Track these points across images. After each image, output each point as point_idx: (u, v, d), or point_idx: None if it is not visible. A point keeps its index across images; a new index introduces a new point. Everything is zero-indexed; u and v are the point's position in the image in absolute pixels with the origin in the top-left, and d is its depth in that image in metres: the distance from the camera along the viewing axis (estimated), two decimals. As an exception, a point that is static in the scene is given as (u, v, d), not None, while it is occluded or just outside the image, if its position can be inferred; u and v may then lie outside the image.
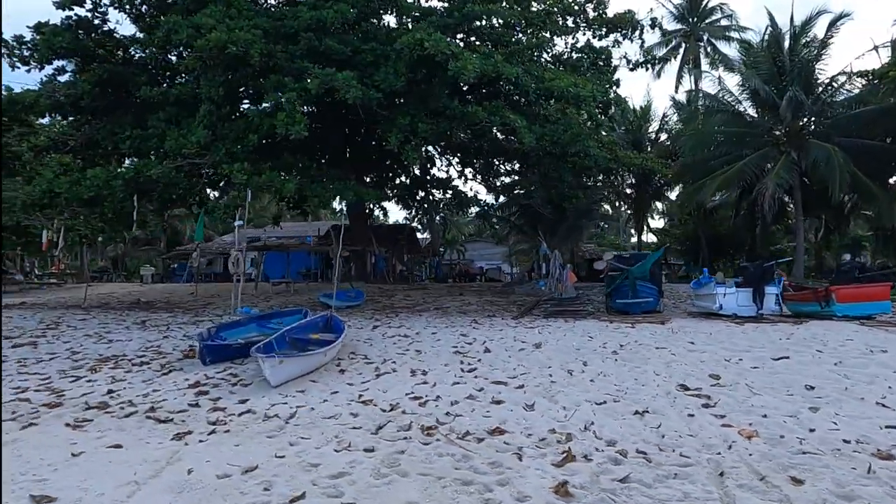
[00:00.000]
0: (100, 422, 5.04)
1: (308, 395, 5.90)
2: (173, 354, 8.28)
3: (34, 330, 10.76)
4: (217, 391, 6.09)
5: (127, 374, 7.07)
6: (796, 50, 22.92)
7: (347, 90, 11.90)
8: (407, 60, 12.56)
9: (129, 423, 5.01)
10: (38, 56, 15.57)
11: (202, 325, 11.41)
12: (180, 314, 13.31)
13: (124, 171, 14.06)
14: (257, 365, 7.27)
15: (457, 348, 8.17)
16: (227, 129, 14.27)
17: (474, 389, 5.95)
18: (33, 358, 8.12)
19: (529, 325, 10.18)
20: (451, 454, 4.09)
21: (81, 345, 9.17)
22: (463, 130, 14.41)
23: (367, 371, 6.95)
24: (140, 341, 9.40)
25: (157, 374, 7.04)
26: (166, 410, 5.36)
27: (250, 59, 12.38)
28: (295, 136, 11.91)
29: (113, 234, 16.40)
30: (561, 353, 7.55)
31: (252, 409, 5.33)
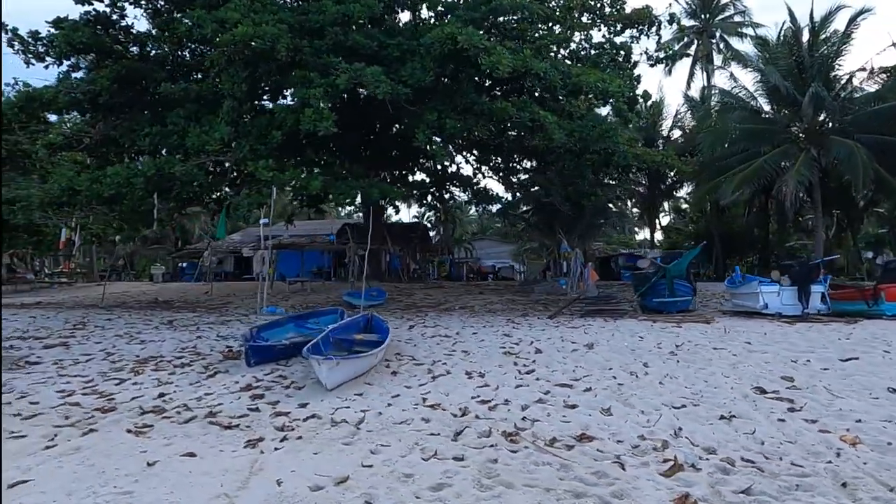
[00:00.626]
0: (161, 427, 4.82)
1: (368, 398, 5.69)
2: (212, 355, 8.07)
3: (61, 330, 10.54)
4: (272, 394, 5.87)
5: (171, 376, 6.85)
6: (816, 45, 22.67)
7: (377, 85, 11.66)
8: (436, 55, 12.32)
9: (192, 429, 4.79)
10: (55, 52, 15.34)
11: (230, 325, 11.19)
12: (205, 314, 13.09)
13: (145, 168, 13.81)
14: (304, 366, 7.09)
15: (505, 349, 7.95)
16: (249, 126, 14.06)
17: (540, 392, 5.74)
18: (69, 359, 7.90)
19: (572, 325, 9.96)
20: (547, 463, 3.88)
21: (114, 345, 8.95)
22: (489, 127, 14.12)
23: (419, 373, 6.73)
24: (173, 342, 9.18)
25: (203, 376, 6.82)
26: (227, 415, 5.14)
27: (277, 54, 12.14)
28: (324, 133, 11.67)
29: (132, 232, 16.17)
30: (616, 354, 7.33)
31: (316, 414, 5.11)
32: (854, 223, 33.80)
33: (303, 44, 12.78)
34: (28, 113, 15.33)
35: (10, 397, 5.90)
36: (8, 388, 6.32)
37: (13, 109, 14.91)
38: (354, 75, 11.83)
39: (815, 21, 22.78)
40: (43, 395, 5.95)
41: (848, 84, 22.88)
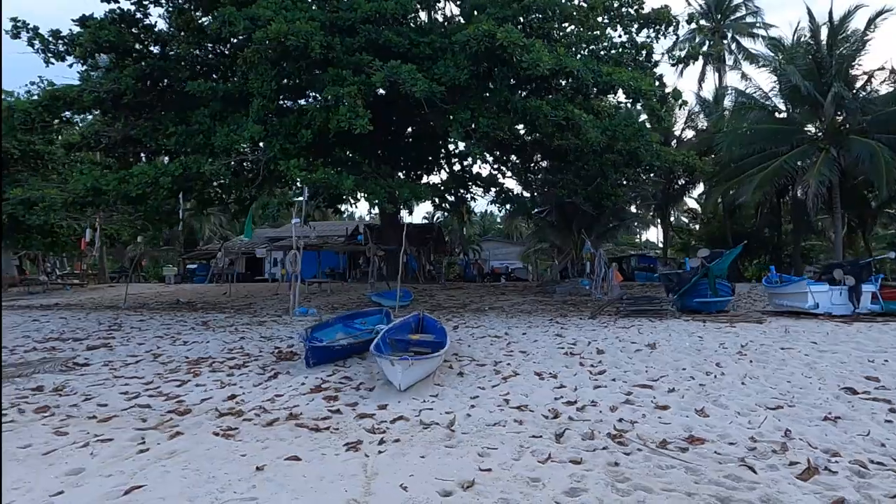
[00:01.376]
0: (248, 430, 4.66)
1: (445, 399, 5.54)
2: (263, 356, 7.92)
3: (97, 331, 10.38)
4: (346, 396, 5.72)
5: (230, 377, 6.70)
6: (835, 45, 22.58)
7: (414, 83, 11.54)
8: (471, 53, 12.20)
9: (280, 431, 4.64)
10: (80, 51, 15.19)
11: (267, 326, 11.04)
12: (236, 315, 12.93)
13: (172, 167, 13.65)
14: (364, 366, 6.95)
15: (564, 349, 7.80)
16: (278, 125, 13.92)
17: (622, 393, 5.59)
18: (117, 360, 7.75)
19: (621, 325, 9.82)
20: (671, 466, 3.73)
21: (158, 346, 8.79)
22: (520, 126, 13.99)
23: (486, 373, 6.58)
24: (217, 343, 9.02)
25: (263, 377, 6.67)
26: (310, 417, 5.00)
27: (310, 52, 12.01)
28: (360, 131, 11.53)
29: (157, 232, 16.01)
30: (683, 354, 7.19)
31: (403, 416, 4.96)
32: (865, 224, 33.75)
33: (335, 41, 12.65)
34: (51, 112, 15.12)
35: (74, 398, 5.76)
36: (69, 389, 6.18)
37: (37, 108, 14.71)
38: (390, 73, 11.70)
39: (833, 21, 22.69)
40: (107, 397, 5.80)
41: (867, 84, 22.80)
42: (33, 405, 5.53)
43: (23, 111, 14.73)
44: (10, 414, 5.22)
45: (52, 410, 5.34)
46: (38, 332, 10.48)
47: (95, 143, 18.64)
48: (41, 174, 25.39)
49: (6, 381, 6.53)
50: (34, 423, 4.94)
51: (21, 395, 5.91)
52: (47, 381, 6.60)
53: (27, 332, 10.49)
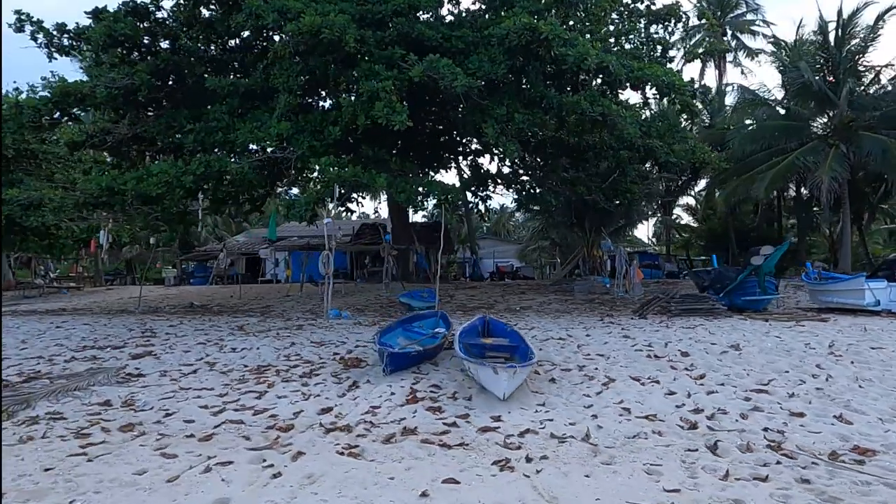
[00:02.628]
0: (371, 448, 4.30)
1: (558, 409, 5.24)
2: (326, 363, 7.53)
3: (131, 339, 9.88)
4: (450, 407, 5.38)
5: (306, 387, 6.32)
6: (844, 41, 22.71)
7: (454, 78, 11.19)
8: (510, 47, 11.89)
9: (408, 448, 4.29)
10: (92, 45, 14.59)
11: (308, 329, 10.62)
12: (267, 319, 12.47)
13: (195, 166, 13.14)
14: (445, 373, 6.62)
15: (643, 352, 7.54)
16: (303, 122, 13.48)
17: (739, 399, 5.34)
18: (172, 370, 7.30)
19: (685, 325, 9.59)
20: (866, 482, 3.47)
21: (207, 354, 8.35)
22: (557, 122, 13.71)
23: (578, 379, 6.29)
24: (269, 350, 8.60)
25: (342, 386, 6.29)
26: (428, 432, 4.65)
27: (345, 45, 11.61)
28: (399, 127, 11.16)
29: (173, 233, 15.44)
30: (773, 356, 6.97)
31: (530, 429, 4.64)
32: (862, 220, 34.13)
33: (367, 35, 12.26)
34: (62, 108, 14.49)
35: (152, 414, 5.34)
36: (140, 403, 5.74)
37: (47, 105, 14.08)
38: (429, 68, 11.33)
39: (843, 17, 22.80)
40: (189, 412, 5.39)
41: (875, 81, 22.97)
42: (113, 422, 5.11)
43: (33, 108, 14.09)
44: (94, 433, 4.80)
45: (137, 428, 4.93)
46: (67, 339, 9.94)
47: (100, 142, 17.99)
48: (36, 174, 24.56)
49: (67, 395, 6.09)
50: (129, 443, 4.53)
51: (92, 411, 5.48)
52: (110, 394, 6.15)
53: (56, 339, 9.95)
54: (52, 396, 6.12)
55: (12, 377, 7.12)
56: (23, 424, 5.11)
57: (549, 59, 12.65)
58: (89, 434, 4.77)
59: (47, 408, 5.65)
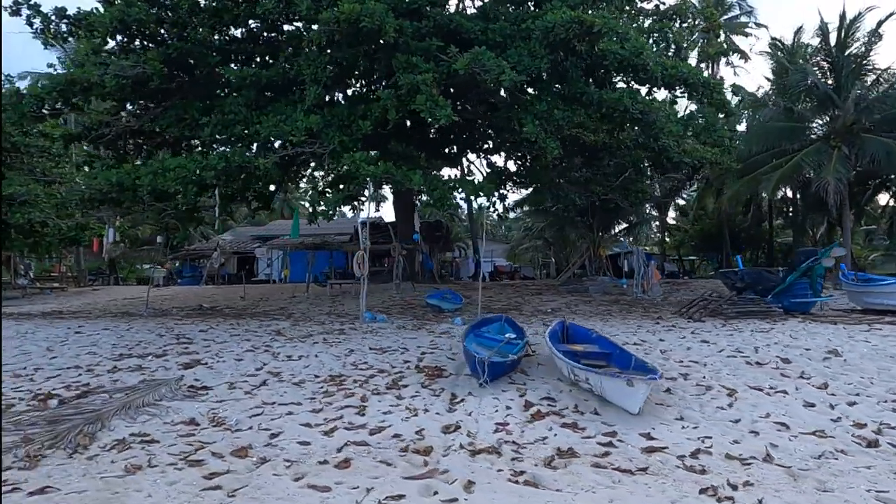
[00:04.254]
0: (544, 474, 3.84)
1: (702, 425, 4.86)
2: (404, 372, 7.03)
3: (167, 345, 9.18)
4: (586, 423, 4.96)
5: (400, 399, 5.83)
6: (846, 44, 23.00)
7: (501, 71, 10.74)
8: (556, 40, 11.49)
9: (580, 472, 3.86)
10: (101, 30, 13.70)
11: (352, 334, 10.05)
12: (301, 323, 11.82)
13: (215, 160, 12.40)
14: (547, 382, 6.18)
15: (737, 358, 7.23)
16: (329, 116, 12.87)
17: (889, 410, 5.05)
18: (237, 382, 6.70)
19: (757, 329, 9.32)
20: None
21: (264, 362, 7.75)
22: (598, 118, 13.35)
23: (694, 390, 5.92)
24: (329, 357, 8.04)
25: (439, 398, 5.82)
26: (588, 454, 4.23)
27: (384, 35, 11.06)
28: (445, 122, 10.68)
29: (185, 231, 14.61)
30: (879, 361, 6.74)
31: (700, 449, 4.25)
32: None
33: (405, 25, 11.73)
34: (66, 98, 13.55)
35: (253, 435, 4.78)
36: (231, 421, 5.17)
37: (51, 93, 13.14)
38: (474, 60, 10.86)
39: (846, 20, 23.09)
40: (294, 432, 4.86)
41: (876, 83, 23.33)
42: (215, 444, 4.55)
43: (35, 97, 13.15)
44: (206, 459, 4.23)
45: (252, 452, 4.38)
46: (95, 346, 9.19)
47: (98, 135, 17.02)
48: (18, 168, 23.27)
49: (138, 412, 5.48)
50: (259, 472, 3.98)
51: (182, 432, 4.90)
52: (187, 410, 5.56)
53: (82, 346, 9.19)
54: (123, 413, 5.50)
55: (60, 390, 6.45)
56: (112, 449, 4.52)
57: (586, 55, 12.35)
58: (203, 461, 4.20)
59: (126, 427, 5.05)
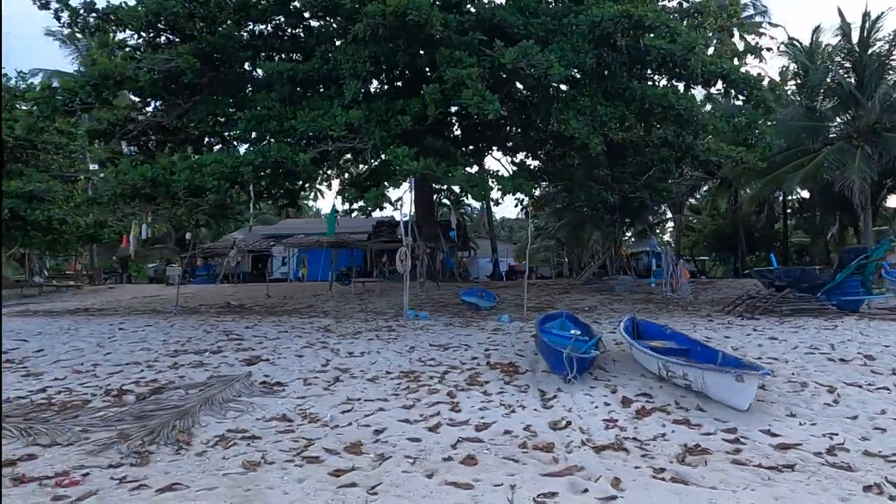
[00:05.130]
0: (688, 472, 3.71)
1: (819, 421, 4.71)
2: (478, 369, 6.88)
3: (219, 342, 9.00)
4: (699, 420, 4.81)
5: (487, 395, 5.69)
6: (869, 43, 22.92)
7: (549, 66, 10.60)
8: (599, 35, 11.36)
9: (730, 471, 3.72)
10: (135, 24, 13.54)
11: (399, 332, 9.88)
12: (342, 320, 11.65)
13: (251, 156, 12.25)
14: (632, 379, 6.03)
15: (816, 355, 7.08)
16: (367, 111, 12.71)
17: None
18: (310, 377, 6.54)
19: (822, 326, 9.19)
20: None
21: (327, 359, 7.58)
22: (638, 114, 13.23)
23: (789, 387, 5.77)
24: (391, 354, 7.88)
25: (526, 394, 5.69)
26: (720, 451, 4.08)
27: (430, 28, 10.91)
28: (494, 116, 10.54)
29: (218, 228, 14.38)
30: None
31: (838, 446, 4.10)
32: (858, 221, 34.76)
33: (449, 18, 11.58)
34: (98, 92, 13.36)
35: (357, 432, 4.63)
36: (326, 418, 5.01)
37: (84, 88, 12.97)
38: (522, 54, 10.72)
39: (869, 19, 23.00)
40: (398, 429, 4.72)
41: (897, 83, 23.26)
42: (321, 440, 4.41)
43: (69, 91, 12.97)
44: (323, 456, 4.08)
45: (365, 449, 4.23)
46: (145, 342, 9.01)
47: (123, 131, 16.87)
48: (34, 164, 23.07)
49: (222, 407, 5.33)
50: (387, 469, 3.83)
51: (280, 428, 4.75)
52: (272, 406, 5.42)
53: (131, 342, 9.01)
54: (208, 409, 5.35)
55: (130, 386, 6.29)
56: (216, 445, 4.37)
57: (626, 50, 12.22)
58: (319, 458, 4.05)
59: (218, 424, 4.89)
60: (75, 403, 5.63)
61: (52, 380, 6.66)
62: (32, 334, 9.74)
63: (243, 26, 16.29)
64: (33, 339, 9.23)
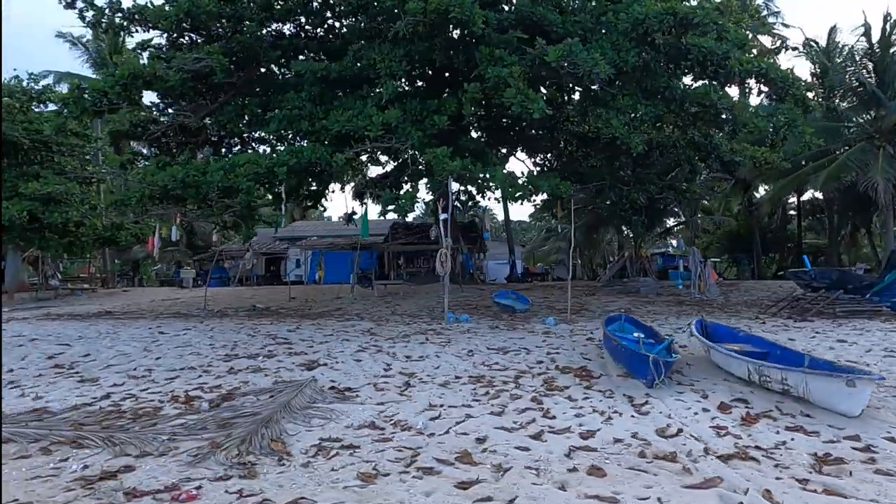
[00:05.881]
0: (843, 484, 3.51)
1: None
2: (549, 373, 6.69)
3: (269, 345, 8.81)
4: (813, 426, 4.61)
5: (571, 401, 5.51)
6: (890, 44, 22.83)
7: (594, 64, 10.42)
8: (640, 33, 11.19)
9: (873, 479, 3.52)
10: (165, 23, 13.37)
11: (446, 335, 9.69)
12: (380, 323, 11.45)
13: (285, 156, 12.06)
14: (717, 384, 5.83)
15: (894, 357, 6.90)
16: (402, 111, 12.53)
17: None
18: (378, 382, 6.34)
19: (885, 328, 9.01)
20: None
21: (387, 364, 7.38)
22: (682, 114, 13.04)
23: (880, 391, 5.58)
24: (451, 357, 7.70)
25: (614, 400, 5.49)
26: (856, 460, 3.88)
27: (472, 26, 10.73)
28: (537, 115, 10.35)
29: (249, 230, 14.21)
30: None
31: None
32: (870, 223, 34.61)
33: (489, 16, 11.41)
34: (128, 92, 13.17)
35: (459, 441, 4.42)
36: (419, 425, 4.81)
37: (114, 88, 12.77)
38: (567, 52, 10.54)
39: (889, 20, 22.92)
40: (498, 437, 4.52)
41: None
42: (426, 449, 4.20)
43: (98, 91, 12.77)
44: (439, 468, 3.88)
45: (478, 459, 4.03)
46: (190, 346, 8.82)
47: (146, 132, 16.69)
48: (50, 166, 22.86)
49: (303, 414, 5.13)
50: (512, 481, 3.62)
51: (374, 436, 4.56)
52: (352, 412, 5.22)
53: (177, 347, 8.81)
54: (288, 416, 5.15)
55: (195, 392, 6.09)
56: (317, 455, 4.17)
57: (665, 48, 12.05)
58: (434, 469, 3.86)
59: (308, 432, 4.69)
60: (146, 411, 5.43)
61: (111, 386, 6.46)
62: (73, 338, 9.53)
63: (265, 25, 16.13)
64: (76, 344, 9.02)
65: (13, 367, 7.48)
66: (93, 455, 4.24)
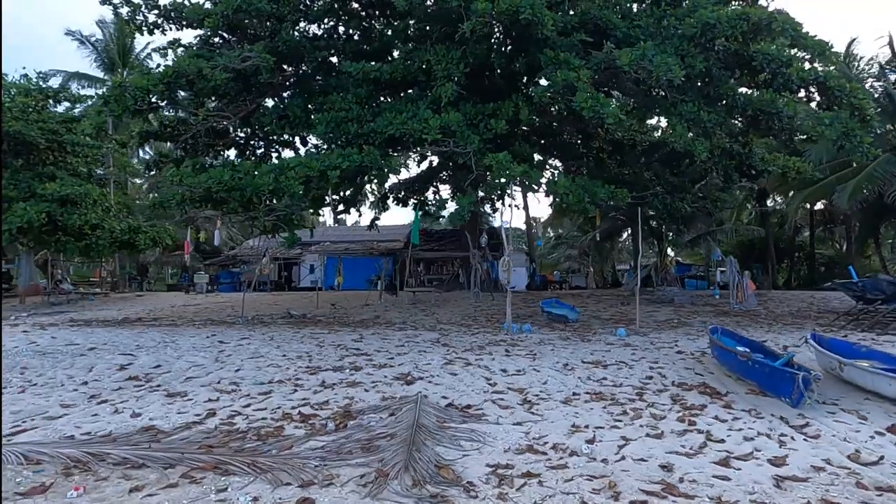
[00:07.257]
0: None
1: None
2: (669, 388, 6.34)
3: (345, 357, 8.40)
4: None
5: (725, 422, 5.15)
6: (915, 55, 22.91)
7: (668, 69, 10.15)
8: (709, 38, 10.96)
9: None
10: (210, 21, 12.97)
11: (522, 346, 9.32)
12: (444, 332, 11.05)
13: (339, 159, 11.67)
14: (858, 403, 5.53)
15: None
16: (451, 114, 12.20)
17: None
18: (497, 399, 5.96)
19: None
20: None
21: (486, 378, 7.01)
22: (744, 122, 12.81)
23: None
24: (550, 371, 7.34)
25: (762, 419, 5.16)
26: None
27: (542, 28, 10.44)
28: (612, 121, 10.06)
29: (293, 234, 13.73)
30: None
31: None
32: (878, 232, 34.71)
33: (556, 18, 11.13)
34: (171, 91, 12.74)
35: (642, 468, 4.07)
36: (584, 449, 4.44)
37: (157, 86, 12.33)
38: (640, 56, 10.28)
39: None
40: (682, 464, 4.15)
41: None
42: (619, 479, 3.83)
43: (140, 89, 12.32)
44: (646, 499, 3.51)
45: (680, 490, 3.67)
46: (263, 357, 8.38)
47: (175, 133, 16.27)
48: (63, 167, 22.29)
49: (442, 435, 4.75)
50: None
51: (547, 462, 4.17)
52: (496, 434, 4.85)
53: (251, 358, 8.37)
54: (427, 436, 4.76)
55: (304, 408, 5.67)
56: (500, 484, 3.79)
57: (725, 54, 11.86)
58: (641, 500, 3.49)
59: (464, 456, 4.31)
60: (268, 431, 5.01)
61: (206, 402, 6.02)
62: (131, 347, 9.05)
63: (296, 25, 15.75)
64: (139, 353, 8.55)
65: (86, 380, 7.03)
66: (248, 484, 3.84)
